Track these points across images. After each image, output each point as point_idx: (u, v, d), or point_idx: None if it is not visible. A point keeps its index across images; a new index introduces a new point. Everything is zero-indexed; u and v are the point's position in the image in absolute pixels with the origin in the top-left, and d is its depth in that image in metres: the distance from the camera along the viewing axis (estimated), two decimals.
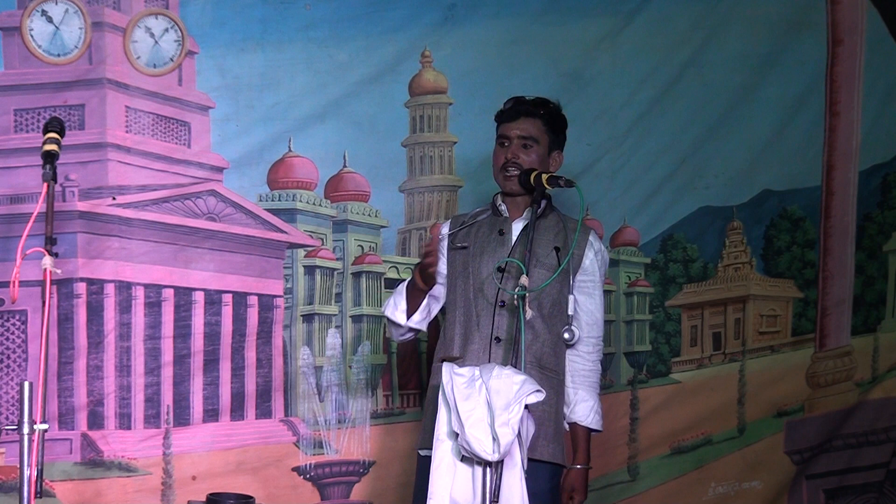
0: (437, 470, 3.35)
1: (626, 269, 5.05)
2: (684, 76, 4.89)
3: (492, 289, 3.59)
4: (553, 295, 3.61)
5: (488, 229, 3.68)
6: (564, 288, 3.60)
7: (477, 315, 3.60)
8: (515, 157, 3.63)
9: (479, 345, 3.57)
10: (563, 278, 3.58)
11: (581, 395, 3.65)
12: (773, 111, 5.02)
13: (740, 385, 5.11)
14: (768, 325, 5.19)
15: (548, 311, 3.60)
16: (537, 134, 3.65)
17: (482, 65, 4.68)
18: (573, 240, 3.56)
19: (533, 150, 3.64)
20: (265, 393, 4.54)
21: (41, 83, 4.29)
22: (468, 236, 3.70)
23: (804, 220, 5.18)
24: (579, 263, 3.63)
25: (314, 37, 4.49)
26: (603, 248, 3.74)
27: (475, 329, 3.60)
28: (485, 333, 3.57)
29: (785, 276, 5.20)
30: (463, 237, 3.71)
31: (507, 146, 3.66)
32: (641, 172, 4.93)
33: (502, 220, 3.68)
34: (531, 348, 3.56)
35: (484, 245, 3.65)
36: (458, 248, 3.70)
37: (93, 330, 4.35)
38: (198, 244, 4.45)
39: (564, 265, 3.52)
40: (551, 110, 3.69)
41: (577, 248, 3.61)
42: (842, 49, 5.04)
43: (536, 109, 3.66)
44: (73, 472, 4.31)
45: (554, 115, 3.69)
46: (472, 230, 3.71)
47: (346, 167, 4.63)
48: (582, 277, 3.64)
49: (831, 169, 5.14)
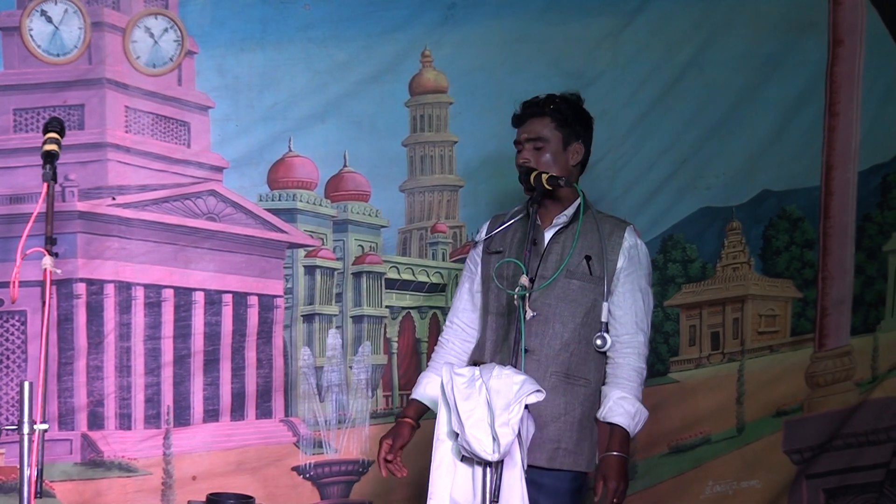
0: (436, 470, 3.35)
1: None
2: (685, 76, 4.88)
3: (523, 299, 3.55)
4: (587, 304, 3.58)
5: (523, 236, 3.64)
6: (599, 297, 3.57)
7: (508, 325, 3.59)
8: (527, 160, 3.61)
9: (507, 355, 3.52)
10: (597, 285, 3.57)
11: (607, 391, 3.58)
12: (773, 111, 5.01)
13: (739, 384, 5.11)
14: (767, 325, 5.19)
15: (581, 319, 3.58)
16: (546, 133, 3.62)
17: (483, 64, 4.67)
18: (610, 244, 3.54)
19: (544, 150, 3.62)
20: (265, 393, 4.54)
21: (40, 83, 4.29)
22: (504, 240, 3.70)
23: (803, 220, 5.17)
24: (614, 268, 3.59)
25: (314, 36, 4.49)
26: (639, 241, 3.66)
27: (505, 338, 3.60)
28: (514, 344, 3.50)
29: (783, 276, 5.20)
30: (499, 241, 3.70)
31: (521, 151, 3.64)
32: (642, 172, 4.92)
33: (536, 228, 3.59)
34: (557, 358, 3.56)
35: (518, 254, 3.60)
36: (495, 252, 3.69)
37: (93, 330, 4.34)
38: (198, 244, 4.45)
39: (565, 265, 3.51)
40: (559, 105, 3.65)
41: (612, 252, 3.58)
42: (842, 49, 5.04)
43: (542, 108, 3.64)
44: (73, 473, 4.31)
45: (563, 109, 3.64)
46: (509, 234, 3.70)
47: (346, 167, 4.63)
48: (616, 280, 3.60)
49: (830, 169, 5.14)
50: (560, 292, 3.57)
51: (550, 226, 3.64)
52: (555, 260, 3.59)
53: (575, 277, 3.57)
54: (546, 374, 3.54)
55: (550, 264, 3.58)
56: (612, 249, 3.58)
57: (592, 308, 3.58)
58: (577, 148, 3.66)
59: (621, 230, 3.62)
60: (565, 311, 3.57)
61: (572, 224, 3.60)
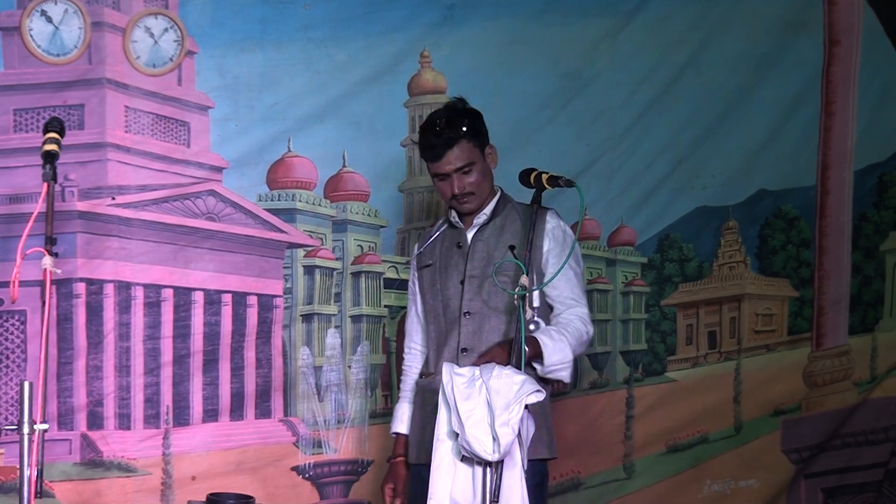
0: (437, 470, 3.35)
1: (622, 268, 5.07)
2: (683, 76, 4.90)
3: (456, 301, 3.59)
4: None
5: (449, 243, 3.68)
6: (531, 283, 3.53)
7: (446, 329, 3.61)
8: (463, 188, 3.57)
9: (448, 357, 3.57)
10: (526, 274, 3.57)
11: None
12: (770, 111, 5.03)
13: (736, 383, 5.12)
14: (764, 324, 5.20)
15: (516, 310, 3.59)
16: (468, 155, 3.56)
17: (481, 65, 4.68)
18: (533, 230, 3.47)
19: (474, 170, 3.57)
20: (264, 393, 4.54)
21: (40, 83, 4.29)
22: (433, 253, 3.71)
23: (799, 219, 5.19)
24: (540, 254, 3.59)
25: (313, 37, 4.50)
26: (561, 222, 3.63)
27: (444, 343, 3.61)
28: (452, 346, 3.58)
29: (780, 275, 5.21)
30: (428, 255, 3.72)
31: (448, 180, 3.58)
32: (639, 172, 4.94)
33: (458, 232, 3.66)
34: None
35: (447, 260, 3.65)
36: (425, 266, 3.71)
37: (92, 330, 4.34)
38: (197, 244, 4.45)
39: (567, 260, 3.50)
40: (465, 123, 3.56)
41: (536, 238, 3.53)
42: (838, 49, 5.06)
43: (455, 135, 3.54)
44: (72, 473, 4.30)
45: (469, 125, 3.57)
46: (435, 246, 3.71)
47: (345, 167, 4.63)
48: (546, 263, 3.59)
49: (826, 168, 5.15)
50: (490, 287, 3.57)
51: (471, 226, 3.65)
52: (480, 257, 3.61)
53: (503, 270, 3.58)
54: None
55: (477, 262, 3.60)
56: (537, 235, 3.55)
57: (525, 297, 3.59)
58: (490, 151, 3.64)
59: (542, 214, 3.59)
60: (499, 305, 3.57)
61: (493, 220, 3.62)
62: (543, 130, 4.76)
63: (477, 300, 3.58)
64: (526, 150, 4.62)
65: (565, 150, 4.77)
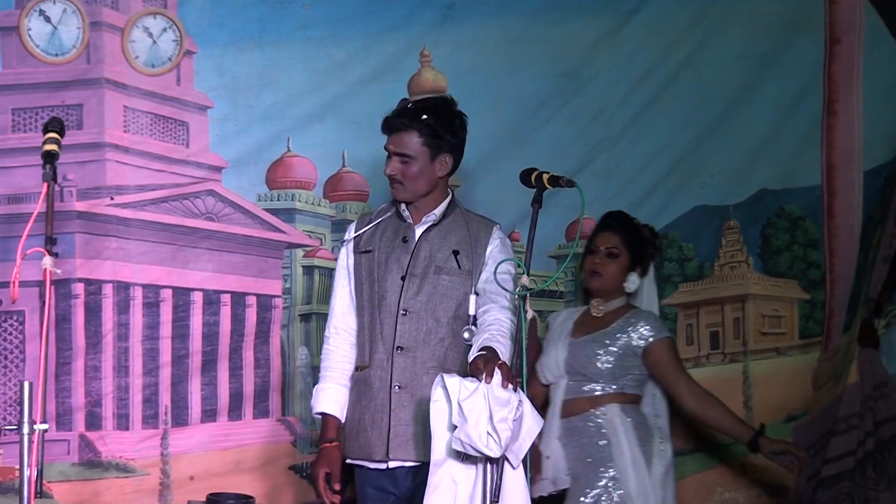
0: (434, 492, 3.29)
1: None
2: (682, 75, 4.88)
3: (394, 297, 3.59)
4: (458, 298, 3.60)
5: (392, 234, 3.68)
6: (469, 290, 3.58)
7: (381, 323, 3.61)
8: (395, 172, 3.61)
9: (382, 354, 3.58)
10: (466, 279, 3.60)
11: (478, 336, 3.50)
12: (770, 110, 5.01)
13: (745, 388, 5.07)
14: (772, 326, 5.15)
15: (454, 313, 3.60)
16: (412, 150, 3.58)
17: (481, 64, 4.68)
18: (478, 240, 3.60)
19: (411, 164, 3.59)
20: (263, 393, 4.54)
21: (39, 83, 4.29)
22: (372, 239, 3.70)
23: (804, 219, 5.14)
24: (482, 262, 3.62)
25: (312, 36, 4.50)
26: (507, 239, 3.72)
27: (379, 337, 3.61)
28: (388, 343, 3.58)
29: (787, 276, 5.16)
30: (367, 240, 3.70)
31: (389, 159, 3.62)
32: (637, 172, 4.92)
33: (406, 226, 3.67)
34: (434, 354, 3.58)
35: (388, 252, 3.65)
36: (364, 251, 3.69)
37: (91, 330, 4.34)
38: (196, 244, 4.45)
39: (571, 258, 3.50)
40: (427, 119, 3.57)
41: (479, 247, 3.61)
42: (839, 48, 5.03)
43: (411, 123, 3.57)
44: (70, 473, 4.30)
45: (431, 123, 3.58)
46: (377, 233, 3.70)
47: (344, 167, 4.63)
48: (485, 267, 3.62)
49: (832, 169, 5.09)
50: (430, 288, 3.59)
51: (420, 223, 3.66)
52: (425, 257, 3.61)
53: (444, 273, 3.60)
54: (424, 370, 3.55)
55: (421, 262, 3.60)
56: (480, 244, 3.62)
57: (464, 302, 3.60)
58: (444, 159, 3.63)
59: (489, 228, 3.67)
60: (437, 306, 3.59)
61: (442, 222, 3.64)
62: (542, 129, 4.76)
63: (416, 300, 3.59)
64: (524, 148, 4.62)
65: (564, 149, 4.76)
